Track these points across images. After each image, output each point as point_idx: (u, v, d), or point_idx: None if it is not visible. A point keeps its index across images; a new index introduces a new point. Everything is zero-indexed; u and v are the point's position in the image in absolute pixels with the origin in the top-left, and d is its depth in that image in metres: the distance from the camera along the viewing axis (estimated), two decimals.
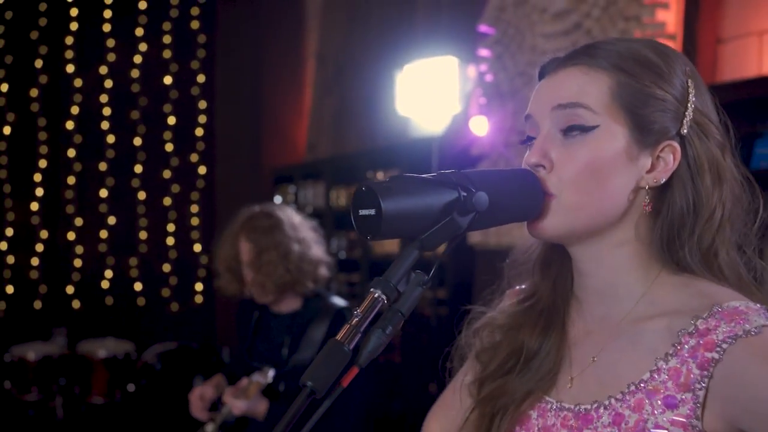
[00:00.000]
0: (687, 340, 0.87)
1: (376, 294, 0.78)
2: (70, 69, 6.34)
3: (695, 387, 0.84)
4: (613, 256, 0.94)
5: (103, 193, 6.39)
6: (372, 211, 0.79)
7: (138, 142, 6.39)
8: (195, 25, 6.38)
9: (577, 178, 0.89)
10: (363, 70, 5.29)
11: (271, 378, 2.29)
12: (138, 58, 6.35)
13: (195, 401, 2.43)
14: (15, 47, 6.26)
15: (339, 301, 2.43)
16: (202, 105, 6.42)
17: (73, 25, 6.33)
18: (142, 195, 6.43)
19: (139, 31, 6.34)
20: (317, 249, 2.45)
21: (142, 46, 6.36)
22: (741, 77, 2.79)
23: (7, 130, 6.27)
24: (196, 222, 6.46)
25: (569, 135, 0.91)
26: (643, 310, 0.93)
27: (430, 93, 4.29)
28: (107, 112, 6.37)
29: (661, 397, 0.86)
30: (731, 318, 0.85)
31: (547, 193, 0.90)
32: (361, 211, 0.80)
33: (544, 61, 0.98)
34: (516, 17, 3.81)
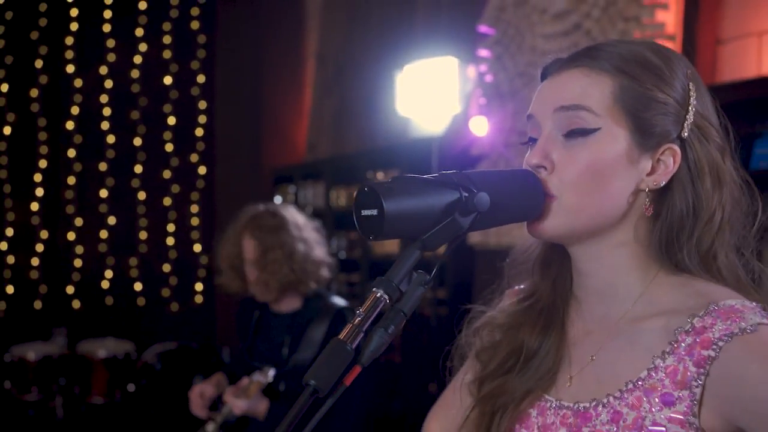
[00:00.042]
0: (684, 338, 0.88)
1: (379, 294, 0.78)
2: (70, 69, 6.34)
3: (692, 384, 0.85)
4: (612, 257, 0.95)
5: (103, 193, 6.39)
6: (374, 212, 0.79)
7: (138, 142, 6.39)
8: (195, 25, 6.39)
9: (577, 180, 0.90)
10: (363, 70, 5.29)
11: (271, 377, 2.30)
12: (138, 59, 6.35)
13: (195, 399, 2.43)
14: (15, 47, 6.26)
15: (339, 300, 2.43)
16: (202, 105, 6.42)
17: (73, 26, 6.33)
18: (142, 195, 6.43)
19: (139, 32, 6.34)
20: (319, 250, 2.45)
21: (142, 47, 6.36)
22: (740, 78, 2.80)
23: (7, 130, 6.27)
24: (196, 222, 6.46)
25: (571, 137, 0.91)
26: (641, 309, 0.94)
27: (430, 93, 4.29)
28: (107, 112, 6.37)
29: (658, 395, 0.87)
30: (727, 316, 0.86)
31: (548, 194, 0.91)
32: (364, 212, 0.81)
33: (546, 62, 0.99)
34: (516, 18, 3.82)
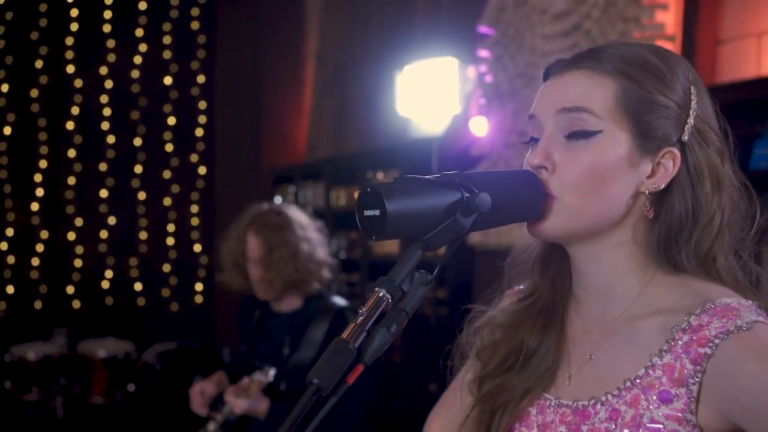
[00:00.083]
0: (680, 337, 0.89)
1: (381, 293, 0.79)
2: (71, 69, 6.34)
3: (689, 382, 0.86)
4: (610, 257, 0.96)
5: (103, 193, 6.40)
6: (377, 212, 0.80)
7: (138, 142, 6.39)
8: (195, 25, 6.39)
9: (578, 182, 0.91)
10: (363, 70, 5.29)
11: (272, 377, 2.30)
12: (138, 59, 6.36)
13: (195, 396, 2.44)
14: (15, 48, 6.26)
15: (339, 300, 2.44)
16: (202, 105, 6.42)
17: (74, 26, 6.34)
18: (142, 195, 6.43)
19: (139, 32, 6.35)
20: (322, 250, 2.45)
21: (142, 47, 6.36)
22: (740, 78, 2.80)
23: (7, 131, 6.27)
24: (196, 222, 6.47)
25: (572, 138, 0.92)
26: (638, 308, 0.95)
27: (430, 94, 4.30)
28: (107, 112, 6.37)
29: (656, 393, 0.88)
30: (723, 314, 0.87)
31: (549, 194, 0.91)
32: (366, 212, 0.81)
33: (549, 62, 1.00)
34: (516, 18, 3.82)
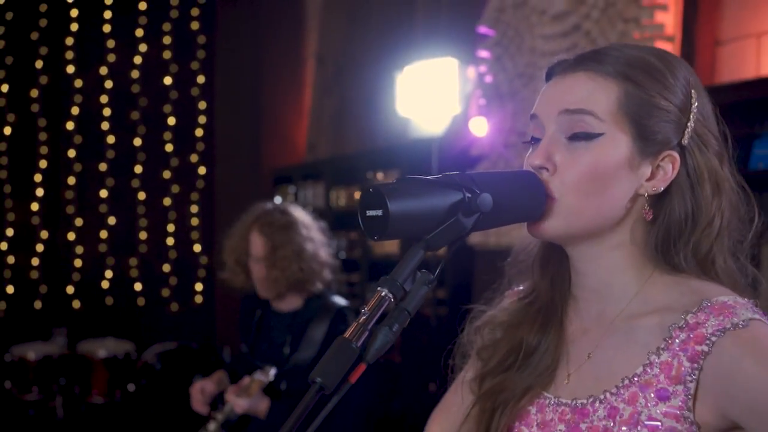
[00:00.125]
0: (678, 335, 0.90)
1: (383, 292, 0.80)
2: (71, 70, 6.34)
3: (686, 379, 0.87)
4: (609, 258, 0.96)
5: (103, 193, 6.40)
6: (379, 212, 0.80)
7: (138, 142, 6.40)
8: (195, 25, 6.39)
9: (579, 183, 0.91)
10: (363, 70, 5.30)
11: (272, 376, 2.31)
12: (138, 59, 6.36)
13: (196, 395, 2.44)
14: (15, 48, 6.26)
15: (340, 300, 2.44)
16: (202, 105, 6.43)
17: (74, 26, 6.34)
18: (142, 195, 6.44)
19: (139, 32, 6.35)
20: (324, 251, 2.46)
21: (142, 47, 6.37)
22: (739, 79, 2.81)
23: (7, 131, 6.28)
24: (196, 222, 6.47)
25: (574, 140, 0.92)
26: (636, 308, 0.96)
27: (430, 94, 4.31)
28: (107, 112, 6.38)
29: (653, 390, 0.89)
30: (720, 312, 0.88)
31: (549, 195, 0.92)
32: (368, 212, 0.82)
33: (551, 62, 1.00)
34: (515, 19, 3.83)
